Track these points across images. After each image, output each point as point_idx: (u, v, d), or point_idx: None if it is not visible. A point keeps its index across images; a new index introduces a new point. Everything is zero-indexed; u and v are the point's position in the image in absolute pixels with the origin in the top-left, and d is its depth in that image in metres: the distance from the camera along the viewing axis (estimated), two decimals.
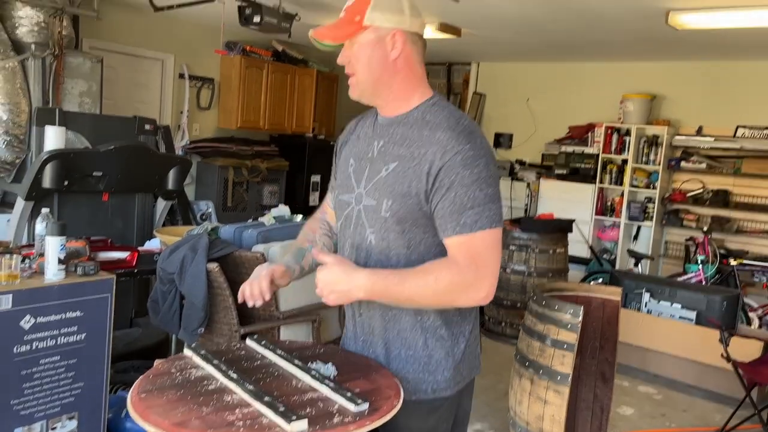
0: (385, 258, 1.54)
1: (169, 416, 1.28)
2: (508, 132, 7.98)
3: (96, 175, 4.03)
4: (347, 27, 1.51)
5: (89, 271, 2.43)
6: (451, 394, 1.60)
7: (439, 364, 1.57)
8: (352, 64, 1.53)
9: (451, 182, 1.43)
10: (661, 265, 6.92)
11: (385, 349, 1.61)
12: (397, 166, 1.50)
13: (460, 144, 1.44)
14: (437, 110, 1.52)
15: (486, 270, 1.44)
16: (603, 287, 3.26)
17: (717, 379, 4.33)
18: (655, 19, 4.77)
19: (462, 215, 1.43)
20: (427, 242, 1.51)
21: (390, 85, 1.53)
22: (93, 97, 5.10)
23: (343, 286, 1.44)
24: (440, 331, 1.57)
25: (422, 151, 1.47)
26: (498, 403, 3.95)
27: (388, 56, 1.51)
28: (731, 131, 6.40)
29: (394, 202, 1.49)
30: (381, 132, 1.58)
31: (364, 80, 1.53)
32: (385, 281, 1.45)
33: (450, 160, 1.43)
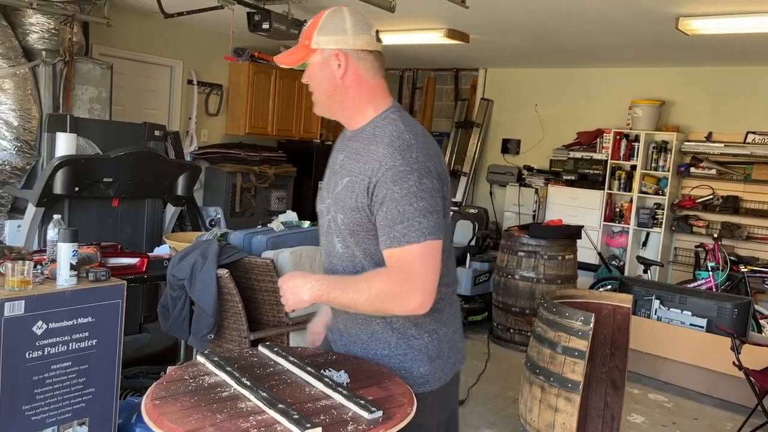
0: (351, 265, 1.63)
1: (184, 423, 1.28)
2: (516, 138, 7.97)
3: (106, 181, 4.05)
4: (299, 51, 1.63)
5: (101, 277, 2.43)
6: (431, 389, 1.65)
7: (414, 361, 1.64)
8: (310, 85, 1.66)
9: (383, 197, 1.49)
10: (670, 271, 6.89)
11: (363, 350, 1.69)
12: (348, 182, 1.58)
13: (393, 159, 1.50)
14: (385, 124, 1.59)
15: (415, 281, 1.49)
16: (614, 294, 3.25)
17: (728, 387, 4.30)
18: (664, 24, 4.76)
19: (392, 229, 1.49)
20: (378, 253, 1.57)
21: (343, 102, 1.63)
22: (103, 103, 5.13)
23: (296, 294, 1.58)
24: (410, 331, 1.64)
25: (365, 167, 1.54)
26: (507, 410, 3.93)
27: (335, 75, 1.60)
28: (741, 137, 6.37)
29: (345, 216, 1.58)
30: (343, 146, 1.67)
31: (319, 98, 1.65)
32: (328, 286, 1.56)
33: (383, 176, 1.50)
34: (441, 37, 5.83)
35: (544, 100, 7.69)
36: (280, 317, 3.14)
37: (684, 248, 6.81)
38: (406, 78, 8.85)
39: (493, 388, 4.30)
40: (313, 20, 1.63)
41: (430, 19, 5.46)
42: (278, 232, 3.48)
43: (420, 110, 8.83)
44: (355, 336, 1.69)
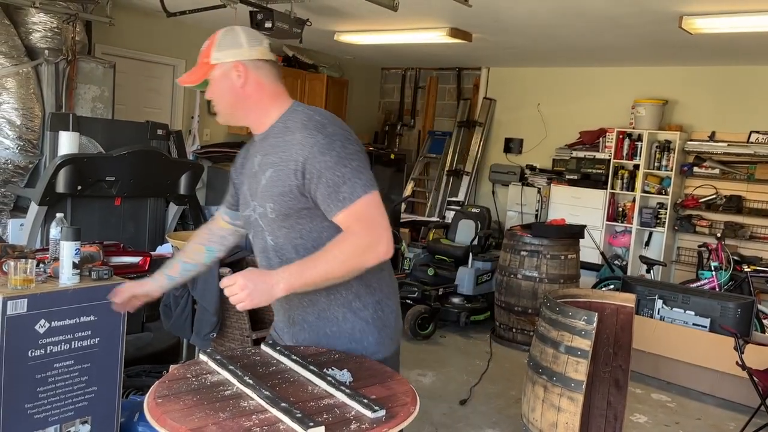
0: (287, 252, 1.72)
1: (186, 421, 1.28)
2: (518, 137, 7.96)
3: (109, 179, 4.05)
4: (200, 69, 1.74)
5: (103, 276, 2.43)
6: (383, 357, 1.77)
7: (362, 332, 1.75)
8: (213, 98, 1.76)
9: (318, 171, 1.60)
10: (673, 271, 6.87)
11: (312, 332, 1.77)
12: (272, 173, 1.68)
13: (314, 137, 1.63)
14: (294, 116, 1.72)
15: (377, 228, 1.61)
16: (617, 294, 3.24)
17: (731, 387, 4.29)
18: (667, 23, 4.75)
19: (339, 193, 1.60)
20: (316, 229, 1.69)
21: (246, 108, 1.75)
22: (105, 102, 5.14)
23: (263, 288, 1.56)
24: (355, 304, 1.75)
25: (287, 154, 1.66)
26: (509, 410, 3.92)
27: (236, 85, 1.72)
28: (745, 136, 6.35)
29: (275, 203, 1.68)
30: (257, 148, 1.78)
31: (223, 109, 1.76)
32: (300, 272, 1.59)
33: (310, 153, 1.61)
34: (444, 36, 5.82)
35: (547, 100, 7.68)
36: None
37: (687, 248, 6.80)
38: (409, 77, 8.85)
39: (496, 388, 4.29)
40: (208, 41, 1.76)
41: (432, 18, 5.46)
42: None
43: (422, 109, 8.83)
44: (302, 321, 1.78)
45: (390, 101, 9.15)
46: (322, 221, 1.67)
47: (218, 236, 2.04)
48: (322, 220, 1.67)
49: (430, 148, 8.57)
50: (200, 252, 2.04)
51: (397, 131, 8.96)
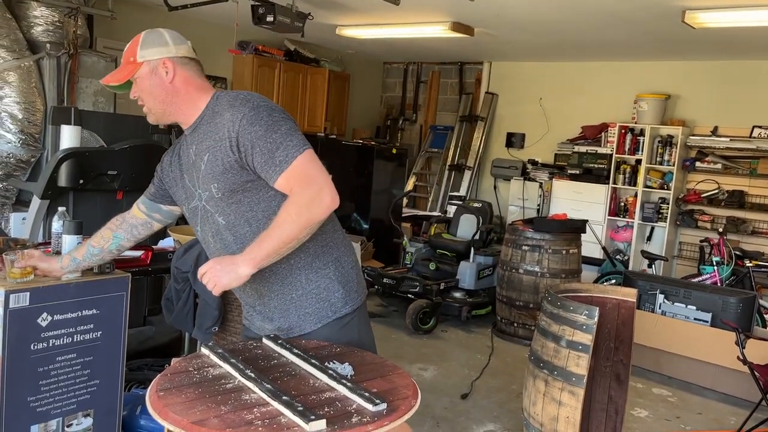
0: (239, 227, 1.77)
1: (188, 414, 1.28)
2: (520, 132, 7.95)
3: (111, 173, 4.05)
4: (125, 68, 1.78)
5: (105, 270, 2.43)
6: (349, 311, 1.86)
7: (327, 290, 1.83)
8: (141, 97, 1.80)
9: (251, 141, 1.66)
10: (675, 266, 6.87)
11: (280, 301, 1.83)
12: (209, 155, 1.74)
13: (240, 111, 1.69)
14: (220, 100, 1.79)
15: (317, 180, 1.66)
16: (618, 288, 3.23)
17: (732, 382, 4.29)
18: (670, 17, 4.73)
19: (274, 157, 1.65)
20: (264, 199, 1.75)
21: (176, 103, 1.80)
22: (107, 96, 5.14)
23: (230, 271, 1.64)
24: (315, 264, 1.82)
25: (219, 135, 1.72)
26: (510, 404, 3.93)
27: (164, 81, 1.77)
28: (747, 131, 6.34)
29: (218, 182, 1.73)
30: (190, 140, 1.84)
31: (153, 106, 1.80)
32: (259, 246, 1.65)
33: (240, 127, 1.67)
34: (445, 30, 5.81)
35: (549, 94, 7.66)
36: None
37: (689, 243, 6.80)
38: (411, 71, 8.83)
39: (497, 382, 4.30)
40: (132, 41, 1.80)
41: (434, 12, 5.44)
42: None
43: (424, 104, 8.82)
44: (268, 291, 1.83)
45: (392, 95, 9.14)
46: (268, 191, 1.74)
47: (129, 224, 2.08)
48: (267, 189, 1.73)
49: (432, 142, 8.57)
50: (107, 238, 2.10)
51: (399, 126, 8.96)
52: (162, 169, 2.00)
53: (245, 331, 2.02)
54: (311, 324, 1.82)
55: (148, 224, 2.09)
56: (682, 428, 3.84)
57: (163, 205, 2.04)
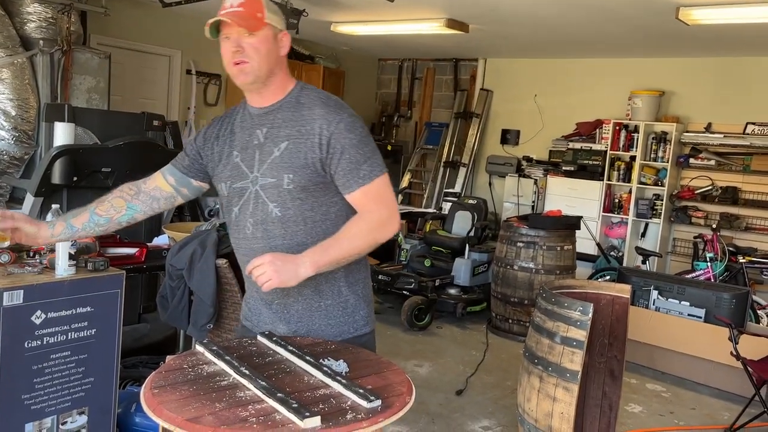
0: (293, 224, 1.73)
1: (183, 412, 1.28)
2: (515, 128, 7.96)
3: (105, 170, 4.04)
4: (253, 20, 1.69)
5: (99, 267, 2.43)
6: (368, 331, 1.86)
7: (354, 306, 1.82)
8: (247, 53, 1.70)
9: (342, 146, 1.67)
10: (669, 262, 6.90)
11: (306, 306, 1.79)
12: (289, 144, 1.71)
13: (340, 114, 1.71)
14: (307, 92, 1.78)
15: (392, 206, 1.73)
16: (612, 285, 3.25)
17: (726, 377, 4.32)
18: (664, 14, 4.74)
19: (360, 169, 1.68)
20: (327, 203, 1.74)
21: (276, 75, 1.76)
22: (101, 93, 5.12)
23: (290, 269, 1.61)
24: (350, 278, 1.82)
25: (308, 127, 1.70)
26: (505, 400, 3.95)
27: (279, 52, 1.75)
28: (741, 128, 6.37)
29: (295, 174, 1.70)
30: (260, 121, 1.78)
31: (259, 68, 1.71)
32: (325, 251, 1.65)
33: (336, 128, 1.68)
34: (440, 26, 5.80)
35: (544, 91, 7.67)
36: None
37: (683, 239, 6.82)
38: (406, 68, 8.83)
39: (492, 378, 4.31)
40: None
41: (429, 8, 5.44)
42: None
43: (419, 100, 8.82)
44: (297, 294, 1.77)
45: (387, 92, 9.13)
46: (333, 196, 1.74)
47: (149, 196, 1.90)
48: (333, 194, 1.73)
49: (427, 139, 8.57)
50: (119, 208, 1.88)
51: (394, 122, 8.95)
52: (204, 140, 1.88)
53: (244, 332, 1.91)
54: (331, 336, 1.79)
55: (171, 198, 1.93)
56: (676, 423, 3.87)
57: (194, 180, 1.92)
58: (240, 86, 1.77)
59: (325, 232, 1.73)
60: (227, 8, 1.70)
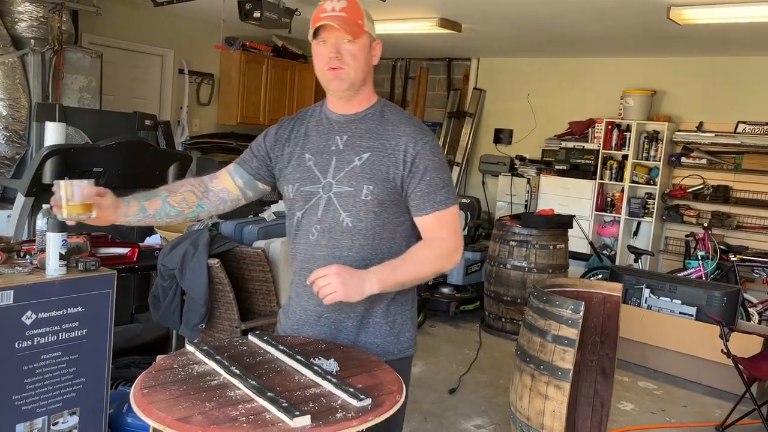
0: (362, 237, 1.70)
1: (173, 411, 1.28)
2: (508, 128, 7.97)
3: (96, 170, 4.02)
4: (356, 27, 1.69)
5: (90, 267, 2.42)
6: (411, 354, 1.84)
7: (402, 327, 1.80)
8: (345, 60, 1.69)
9: (425, 167, 1.68)
10: (661, 260, 6.93)
11: (356, 322, 1.76)
12: (371, 156, 1.70)
13: (426, 135, 1.72)
14: (391, 109, 1.79)
15: (460, 238, 1.75)
16: (603, 283, 3.26)
17: (717, 375, 4.34)
18: (655, 13, 4.76)
19: (437, 194, 1.70)
20: (395, 222, 1.73)
21: (367, 83, 1.77)
22: (93, 92, 5.10)
23: (356, 284, 1.58)
24: (398, 298, 1.79)
25: (393, 143, 1.70)
26: (498, 399, 3.96)
27: (371, 61, 1.76)
28: (732, 127, 6.40)
29: (375, 186, 1.68)
30: (340, 128, 1.76)
31: (356, 76, 1.71)
32: (393, 271, 1.64)
33: (422, 149, 1.69)
34: (433, 26, 5.81)
35: (537, 90, 7.69)
36: (271, 306, 3.14)
37: (674, 237, 6.85)
38: (399, 68, 8.83)
39: (485, 377, 4.32)
40: (351, 4, 1.70)
41: (422, 8, 5.45)
42: (270, 221, 3.48)
43: (412, 100, 8.82)
44: (350, 308, 1.72)
45: (380, 91, 9.06)
46: (401, 215, 1.74)
47: (218, 197, 1.85)
48: (402, 214, 1.74)
49: None
50: (192, 204, 1.82)
51: None
52: (275, 141, 1.83)
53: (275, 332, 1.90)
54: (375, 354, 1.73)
55: (237, 201, 1.87)
56: (668, 421, 3.89)
57: (260, 183, 1.86)
58: (332, 92, 1.75)
59: (389, 251, 1.72)
60: (329, 11, 1.68)
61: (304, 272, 1.74)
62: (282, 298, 3.15)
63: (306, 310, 1.79)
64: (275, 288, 3.12)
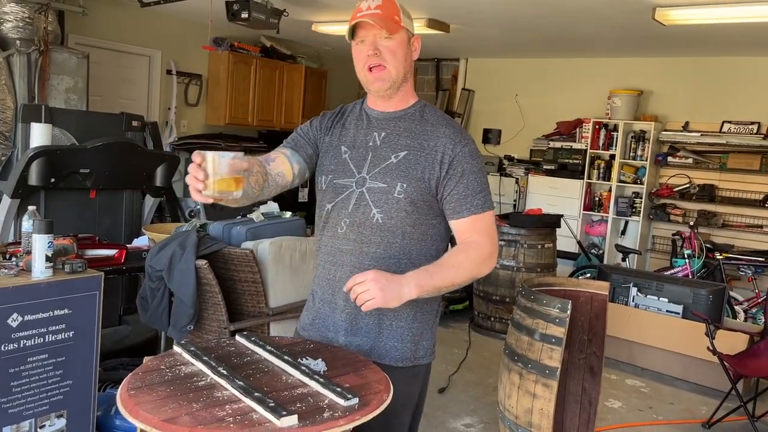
0: (392, 235, 1.68)
1: (159, 412, 1.28)
2: (496, 128, 8.01)
3: (83, 172, 4.01)
4: (393, 23, 1.67)
5: (77, 269, 2.41)
6: (428, 362, 1.82)
7: (422, 334, 1.77)
8: (384, 56, 1.67)
9: (463, 170, 1.67)
10: (648, 259, 6.98)
11: (378, 320, 1.72)
12: (408, 155, 1.69)
13: (465, 139, 1.71)
14: (431, 110, 1.78)
15: (496, 243, 1.71)
16: (591, 282, 3.28)
17: (703, 372, 4.38)
18: (641, 14, 4.80)
19: (475, 198, 1.67)
20: (427, 223, 1.71)
21: (408, 81, 1.75)
22: (79, 93, 5.07)
23: (395, 290, 1.53)
24: (426, 306, 1.76)
25: (431, 143, 1.69)
26: (487, 398, 3.97)
27: (411, 57, 1.74)
28: (717, 126, 6.46)
29: (409, 185, 1.67)
30: (379, 125, 1.75)
31: (397, 73, 1.70)
32: (431, 276, 1.59)
33: (461, 151, 1.67)
34: (421, 26, 5.82)
35: (525, 90, 7.72)
36: (260, 307, 3.14)
37: (661, 236, 6.91)
38: None
39: (474, 376, 4.34)
40: (386, 0, 1.67)
41: (410, 8, 5.39)
42: (258, 222, 3.47)
43: None
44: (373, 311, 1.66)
45: None
46: (434, 218, 1.72)
47: (274, 181, 1.68)
48: (435, 216, 1.72)
49: None
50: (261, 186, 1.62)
51: None
52: (321, 130, 1.82)
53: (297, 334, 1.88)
54: (393, 360, 1.72)
55: (285, 187, 1.74)
56: (655, 418, 3.92)
57: (308, 172, 1.81)
58: (374, 92, 1.74)
59: (418, 252, 1.70)
60: (364, 11, 1.67)
61: (328, 265, 1.75)
62: (271, 299, 3.15)
63: (327, 303, 1.77)
64: (264, 289, 3.11)
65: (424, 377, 1.83)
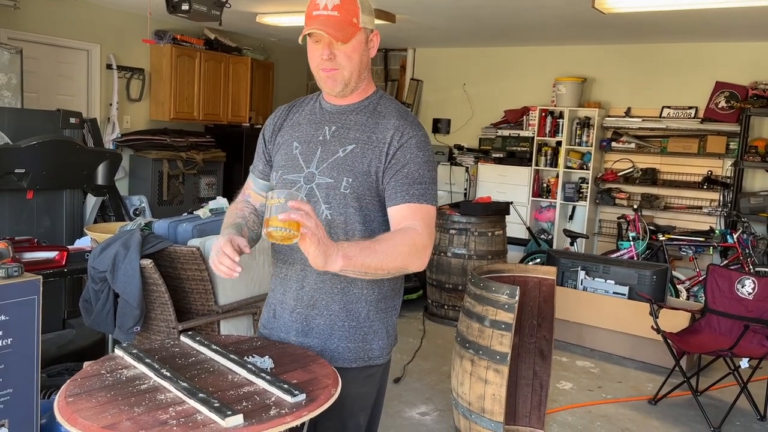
0: (342, 232, 1.64)
1: (99, 419, 1.24)
2: (446, 117, 8.06)
3: (18, 172, 3.85)
4: (349, 28, 1.60)
5: (13, 273, 2.32)
6: (383, 362, 1.76)
7: (376, 334, 1.72)
8: (338, 61, 1.63)
9: (406, 160, 1.62)
10: (596, 243, 7.16)
11: (329, 320, 1.69)
12: (355, 148, 1.65)
13: (414, 129, 1.66)
14: (386, 102, 1.73)
15: (432, 237, 1.61)
16: (539, 267, 3.35)
17: (649, 351, 4.53)
18: (581, 3, 4.89)
19: (412, 187, 1.61)
20: (377, 220, 1.67)
21: (364, 78, 1.70)
22: (13, 90, 4.86)
23: (324, 252, 1.39)
24: (381, 304, 1.72)
25: (380, 136, 1.65)
26: (442, 385, 4.01)
27: (368, 54, 1.69)
28: (657, 112, 6.66)
29: (354, 179, 1.63)
30: (331, 118, 1.72)
31: (351, 75, 1.65)
32: (360, 252, 1.46)
33: (407, 142, 1.63)
34: None
35: (472, 79, 7.79)
36: (209, 306, 3.09)
37: (608, 220, 7.09)
38: None
39: (429, 364, 4.38)
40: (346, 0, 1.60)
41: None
42: (205, 219, 3.40)
43: None
44: (324, 306, 1.67)
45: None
46: (384, 215, 1.65)
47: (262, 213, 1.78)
48: (377, 210, 1.66)
49: None
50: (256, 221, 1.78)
51: None
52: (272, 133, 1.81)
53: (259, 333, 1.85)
54: (345, 361, 1.67)
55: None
56: (604, 397, 4.03)
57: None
58: (327, 92, 1.71)
59: None
60: (320, 9, 1.59)
61: (279, 263, 1.74)
62: (220, 297, 3.10)
63: (280, 303, 1.75)
64: (212, 287, 3.06)
65: (381, 378, 1.78)
